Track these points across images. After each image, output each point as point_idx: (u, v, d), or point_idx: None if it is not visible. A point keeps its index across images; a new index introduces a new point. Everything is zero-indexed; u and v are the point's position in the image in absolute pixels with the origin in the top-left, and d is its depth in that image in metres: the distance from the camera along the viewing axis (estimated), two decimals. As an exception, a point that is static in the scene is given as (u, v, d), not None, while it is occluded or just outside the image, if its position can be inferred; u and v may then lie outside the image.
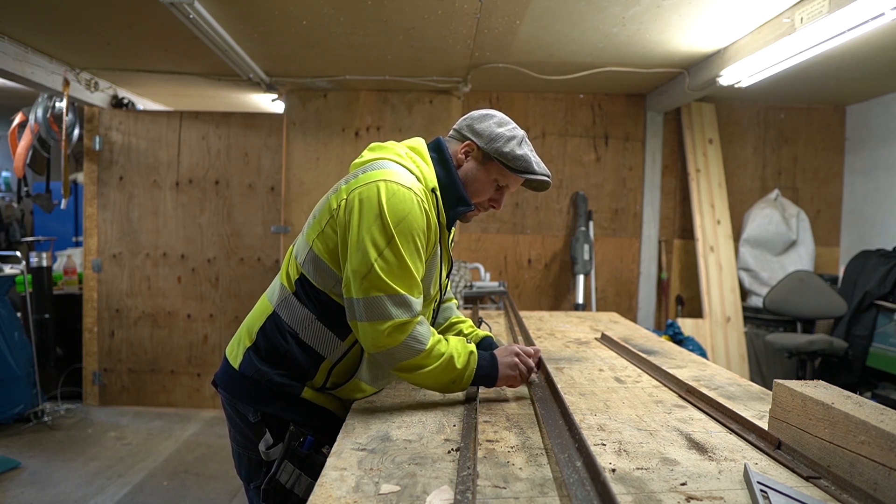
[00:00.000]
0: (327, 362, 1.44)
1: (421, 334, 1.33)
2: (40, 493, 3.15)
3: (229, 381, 1.50)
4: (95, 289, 4.57)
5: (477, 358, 1.38)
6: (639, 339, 2.25)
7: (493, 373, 1.40)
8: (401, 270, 1.30)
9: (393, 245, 1.29)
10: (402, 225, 1.30)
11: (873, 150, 4.48)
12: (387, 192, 1.31)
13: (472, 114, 1.53)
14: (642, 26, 3.05)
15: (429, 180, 1.43)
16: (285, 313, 1.43)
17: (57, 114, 4.21)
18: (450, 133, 1.56)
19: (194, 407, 4.57)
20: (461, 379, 1.36)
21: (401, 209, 1.30)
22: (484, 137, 1.47)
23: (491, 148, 1.47)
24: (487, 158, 1.48)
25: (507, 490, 0.94)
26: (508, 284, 4.55)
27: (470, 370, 1.37)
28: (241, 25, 3.15)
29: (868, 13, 2.37)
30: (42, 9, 2.99)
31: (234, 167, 4.58)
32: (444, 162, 1.49)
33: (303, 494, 1.36)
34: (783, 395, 1.15)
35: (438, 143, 1.52)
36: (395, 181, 1.33)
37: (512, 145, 1.47)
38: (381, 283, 1.28)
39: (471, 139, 1.49)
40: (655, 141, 4.60)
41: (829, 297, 3.96)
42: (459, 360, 1.36)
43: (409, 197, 1.32)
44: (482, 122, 1.50)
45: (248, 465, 1.51)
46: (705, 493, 0.93)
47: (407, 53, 3.62)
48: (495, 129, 1.48)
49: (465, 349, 1.38)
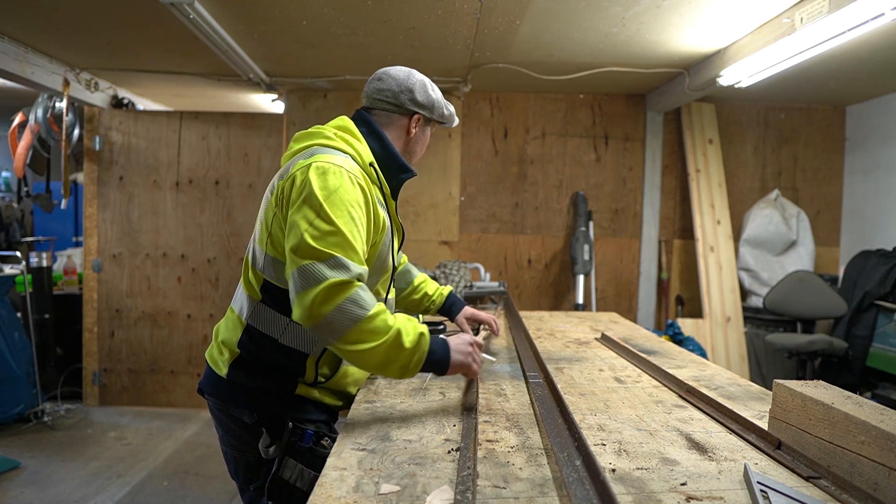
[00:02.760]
0: (311, 357, 1.45)
1: (362, 297, 1.21)
2: (40, 493, 3.15)
3: (218, 388, 1.49)
4: (95, 289, 4.57)
5: (428, 341, 1.26)
6: (639, 339, 2.25)
7: (444, 360, 1.29)
8: (334, 237, 1.23)
9: (323, 213, 1.25)
10: (333, 196, 1.27)
11: (873, 150, 4.48)
12: (316, 172, 1.30)
13: (403, 82, 1.53)
14: (642, 26, 3.05)
15: (364, 156, 1.44)
16: (259, 323, 1.43)
17: (57, 114, 4.21)
18: (374, 102, 1.54)
19: (194, 407, 4.56)
20: (410, 361, 1.24)
21: (331, 183, 1.29)
22: (429, 108, 1.55)
23: (436, 115, 1.58)
24: (428, 121, 1.59)
25: (507, 490, 0.94)
26: (508, 284, 4.55)
27: (420, 353, 1.25)
28: (241, 25, 3.15)
29: (868, 13, 2.37)
30: (42, 9, 2.99)
31: (234, 167, 4.58)
32: (374, 134, 1.50)
33: (307, 488, 1.36)
34: (783, 395, 1.15)
35: (363, 117, 1.53)
36: (326, 161, 1.33)
37: (442, 105, 1.59)
38: (312, 250, 1.21)
39: (419, 112, 1.54)
40: (655, 141, 4.60)
41: (829, 298, 3.96)
42: (407, 339, 1.23)
43: (339, 172, 1.31)
44: (421, 91, 1.53)
45: (246, 467, 1.51)
46: (705, 493, 0.93)
47: (407, 53, 3.62)
48: (432, 94, 1.56)
49: (414, 329, 1.26)
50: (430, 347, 1.26)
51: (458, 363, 1.32)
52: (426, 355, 1.26)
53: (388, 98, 1.52)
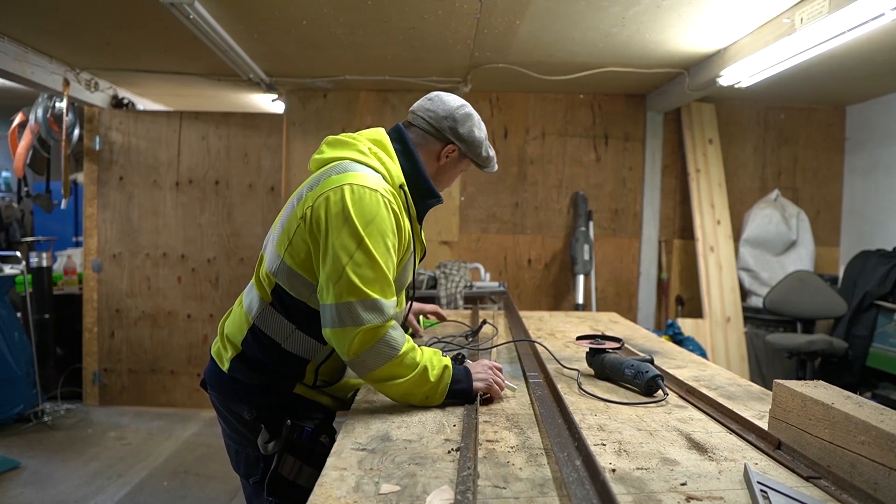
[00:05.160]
0: (312, 364, 1.47)
1: (394, 339, 1.31)
2: (40, 493, 3.15)
3: (219, 383, 1.51)
4: (95, 289, 4.57)
5: (452, 373, 1.36)
6: (639, 339, 2.25)
7: (468, 388, 1.36)
8: (373, 272, 1.29)
9: (363, 247, 1.28)
10: (371, 227, 1.29)
11: (873, 150, 4.48)
12: (352, 197, 1.29)
13: (451, 110, 1.51)
14: (642, 26, 3.05)
15: (395, 177, 1.42)
16: (265, 325, 1.44)
17: (57, 114, 4.21)
18: (416, 119, 1.52)
19: (194, 407, 4.56)
20: (434, 393, 1.34)
21: (368, 212, 1.29)
22: (468, 144, 1.52)
23: (472, 153, 1.55)
24: (463, 157, 1.55)
25: (507, 490, 0.94)
26: (508, 284, 4.55)
27: (444, 384, 1.34)
28: (241, 25, 3.15)
29: (868, 13, 2.37)
30: (42, 9, 2.99)
31: (234, 167, 4.58)
32: (408, 153, 1.48)
33: (306, 484, 1.38)
34: (783, 395, 1.15)
35: (400, 133, 1.50)
36: (360, 184, 1.32)
37: (485, 147, 1.55)
38: (353, 287, 1.27)
39: (455, 144, 1.51)
40: (655, 141, 4.60)
41: (829, 297, 3.96)
42: (433, 373, 1.33)
43: (376, 199, 1.31)
44: (464, 125, 1.50)
45: (246, 461, 1.53)
46: (705, 493, 0.93)
47: (407, 53, 3.62)
48: (476, 133, 1.52)
49: (439, 362, 1.36)
50: (453, 377, 1.36)
51: (479, 388, 1.39)
52: (449, 385, 1.35)
53: (430, 119, 1.50)
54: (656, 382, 1.45)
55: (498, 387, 1.40)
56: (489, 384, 1.39)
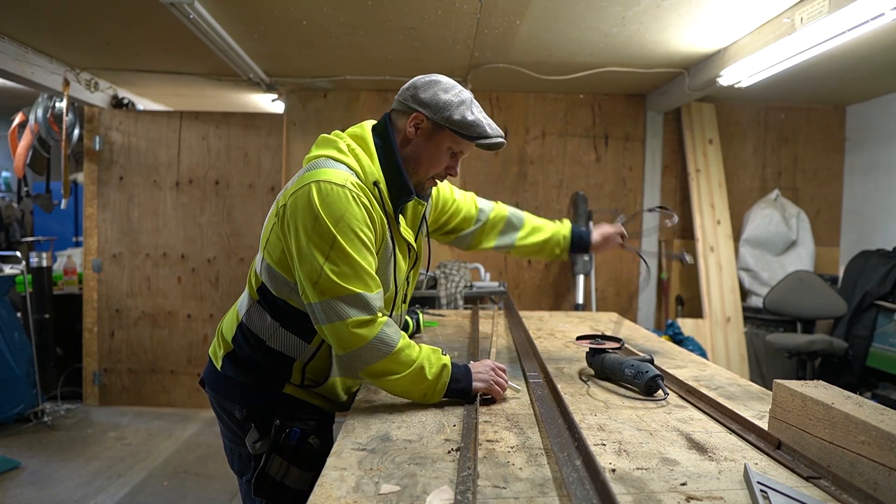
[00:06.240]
0: (298, 362, 1.47)
1: (388, 335, 1.30)
2: (40, 493, 3.15)
3: (214, 381, 1.54)
4: (95, 289, 4.57)
5: (451, 371, 1.34)
6: (639, 339, 2.25)
7: (467, 387, 1.36)
8: (351, 269, 1.28)
9: (337, 245, 1.27)
10: (342, 224, 1.28)
11: (873, 150, 4.48)
12: (320, 195, 1.28)
13: (416, 81, 1.42)
14: (642, 26, 3.05)
15: (369, 174, 1.38)
16: (251, 323, 1.46)
17: (57, 114, 4.21)
18: (394, 105, 1.47)
19: (194, 407, 4.56)
20: (432, 392, 1.33)
21: (337, 209, 1.28)
22: (432, 107, 1.38)
23: (441, 117, 1.38)
24: (438, 128, 1.39)
25: (507, 490, 0.94)
26: (508, 284, 4.55)
27: (442, 383, 1.33)
28: (241, 25, 3.15)
29: (868, 13, 2.37)
30: (42, 9, 2.99)
31: (234, 167, 4.58)
32: (388, 150, 1.42)
33: (293, 485, 1.40)
34: (783, 395, 1.15)
35: (384, 127, 1.44)
36: (327, 180, 1.30)
37: (462, 111, 1.38)
38: (332, 285, 1.27)
39: (418, 110, 1.39)
40: (655, 141, 4.60)
41: (829, 297, 3.96)
42: (430, 371, 1.32)
43: (344, 194, 1.29)
44: (427, 90, 1.39)
45: (239, 459, 1.55)
46: (705, 493, 0.93)
47: (407, 53, 3.62)
48: (441, 96, 1.38)
49: (437, 360, 1.34)
50: (452, 376, 1.35)
51: (479, 389, 1.38)
52: (448, 384, 1.34)
53: (399, 96, 1.45)
54: (656, 382, 1.45)
55: (499, 388, 1.39)
56: (490, 385, 1.38)
